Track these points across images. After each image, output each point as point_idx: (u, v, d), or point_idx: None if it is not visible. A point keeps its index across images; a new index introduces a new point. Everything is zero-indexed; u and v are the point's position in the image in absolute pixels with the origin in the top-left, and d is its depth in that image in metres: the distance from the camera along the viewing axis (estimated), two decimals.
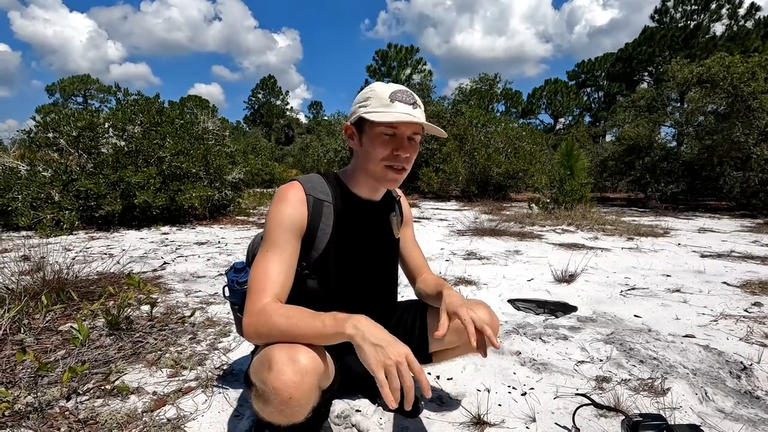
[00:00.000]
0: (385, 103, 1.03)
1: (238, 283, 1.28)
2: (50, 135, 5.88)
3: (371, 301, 1.23)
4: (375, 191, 1.17)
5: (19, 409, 1.29)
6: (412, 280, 1.37)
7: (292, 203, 1.06)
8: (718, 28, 23.79)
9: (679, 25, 25.19)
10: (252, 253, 1.35)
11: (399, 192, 1.35)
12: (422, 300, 1.30)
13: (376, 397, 1.38)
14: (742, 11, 22.82)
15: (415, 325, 1.28)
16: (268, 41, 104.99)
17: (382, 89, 1.05)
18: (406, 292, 2.65)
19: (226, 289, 1.33)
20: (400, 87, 1.06)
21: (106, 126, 6.02)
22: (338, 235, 1.11)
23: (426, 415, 1.33)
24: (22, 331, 1.85)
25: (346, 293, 1.16)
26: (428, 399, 1.44)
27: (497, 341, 0.99)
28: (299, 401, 0.85)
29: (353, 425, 1.27)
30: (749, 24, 22.58)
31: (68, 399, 1.38)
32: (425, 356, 1.28)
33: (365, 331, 0.87)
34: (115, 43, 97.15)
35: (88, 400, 1.39)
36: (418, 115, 1.04)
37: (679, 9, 25.27)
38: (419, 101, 1.08)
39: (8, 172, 5.53)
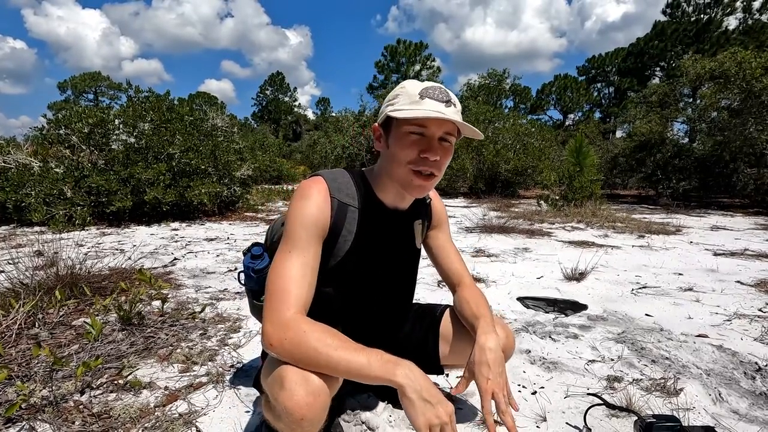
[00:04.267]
0: (414, 100, 0.94)
1: (254, 271, 1.21)
2: (62, 132, 5.96)
3: (385, 309, 1.20)
4: (402, 199, 1.08)
5: (35, 402, 1.31)
6: (452, 288, 1.26)
7: (316, 202, 0.97)
8: (732, 22, 23.37)
9: (692, 19, 24.78)
10: (271, 239, 1.27)
11: (431, 193, 1.26)
12: (457, 314, 1.20)
13: (386, 396, 1.39)
14: (756, 4, 22.39)
15: (427, 338, 1.26)
16: (280, 38, 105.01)
17: (412, 86, 0.97)
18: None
19: (242, 275, 1.28)
20: (433, 84, 0.97)
21: (117, 123, 6.08)
22: (359, 243, 1.04)
23: None
24: (36, 326, 1.88)
25: (361, 302, 1.13)
26: None
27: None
28: (311, 421, 0.83)
29: (363, 422, 1.27)
30: (765, 18, 22.12)
31: (82, 393, 1.40)
32: (437, 368, 1.27)
33: (416, 384, 0.82)
34: (127, 39, 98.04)
35: (101, 394, 1.41)
36: (451, 114, 0.93)
37: (692, 3, 24.86)
38: (455, 99, 0.97)
39: (22, 168, 5.62)
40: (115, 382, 1.48)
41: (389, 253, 1.13)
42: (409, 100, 0.95)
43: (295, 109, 47.22)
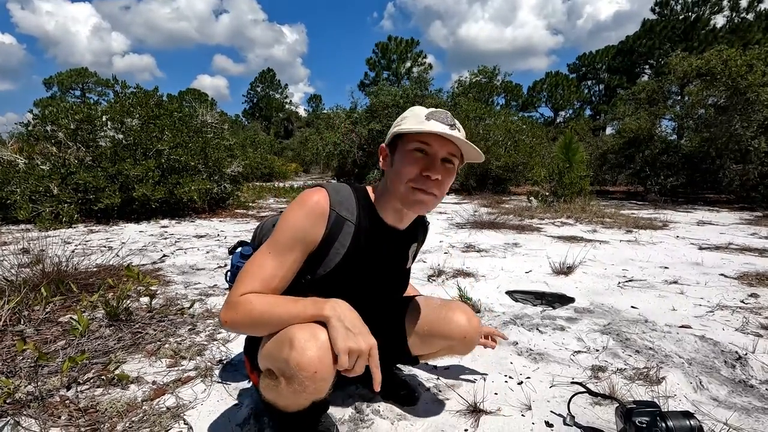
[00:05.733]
0: (420, 121, 0.99)
1: None
2: (48, 128, 5.86)
3: (369, 322, 1.22)
4: (401, 218, 1.11)
5: (20, 398, 1.30)
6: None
7: (311, 216, 1.00)
8: (719, 21, 23.68)
9: (680, 17, 25.06)
10: (260, 238, 1.28)
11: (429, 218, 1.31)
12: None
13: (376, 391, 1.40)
14: (744, 3, 22.69)
15: (393, 330, 1.27)
16: (276, 34, 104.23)
17: (419, 109, 1.03)
18: None
19: (229, 274, 1.30)
20: (440, 109, 1.02)
21: (104, 119, 6.00)
22: (351, 258, 1.06)
23: (424, 403, 1.35)
24: (22, 322, 1.86)
25: None
26: (422, 391, 1.45)
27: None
28: (323, 375, 0.88)
29: (355, 409, 1.29)
30: (750, 16, 22.45)
31: (68, 388, 1.39)
32: (410, 359, 1.31)
33: (341, 314, 0.91)
34: (119, 34, 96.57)
35: (88, 389, 1.40)
36: (455, 135, 0.98)
37: (680, 1, 25.12)
38: (459, 125, 1.02)
39: (6, 165, 5.52)
40: (102, 376, 1.47)
41: (379, 272, 1.15)
42: (416, 120, 1.00)
43: (287, 106, 46.94)
